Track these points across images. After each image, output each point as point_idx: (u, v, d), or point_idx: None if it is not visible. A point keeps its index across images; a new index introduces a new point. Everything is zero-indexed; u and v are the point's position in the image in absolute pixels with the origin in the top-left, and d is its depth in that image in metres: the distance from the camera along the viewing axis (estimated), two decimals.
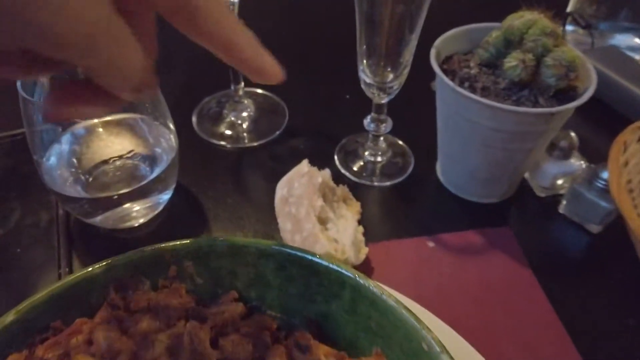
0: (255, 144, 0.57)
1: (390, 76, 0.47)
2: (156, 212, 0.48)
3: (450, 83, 0.42)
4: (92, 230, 0.46)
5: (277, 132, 0.58)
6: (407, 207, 0.51)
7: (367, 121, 0.52)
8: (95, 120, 0.44)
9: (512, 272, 0.45)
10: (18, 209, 0.46)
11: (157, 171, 0.46)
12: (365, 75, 0.47)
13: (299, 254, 0.29)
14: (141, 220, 0.47)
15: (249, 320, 0.29)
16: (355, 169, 0.53)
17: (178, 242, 0.30)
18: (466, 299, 0.42)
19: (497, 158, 0.45)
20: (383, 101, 0.49)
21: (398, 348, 0.27)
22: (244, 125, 0.59)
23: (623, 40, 0.70)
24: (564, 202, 0.49)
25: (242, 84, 0.58)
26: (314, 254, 0.29)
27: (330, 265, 0.29)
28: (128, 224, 0.47)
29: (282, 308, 0.30)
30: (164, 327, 0.28)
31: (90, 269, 0.28)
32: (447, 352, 0.25)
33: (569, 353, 0.39)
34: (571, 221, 0.49)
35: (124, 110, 0.44)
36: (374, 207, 0.51)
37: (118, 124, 0.46)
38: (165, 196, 0.48)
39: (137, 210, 0.47)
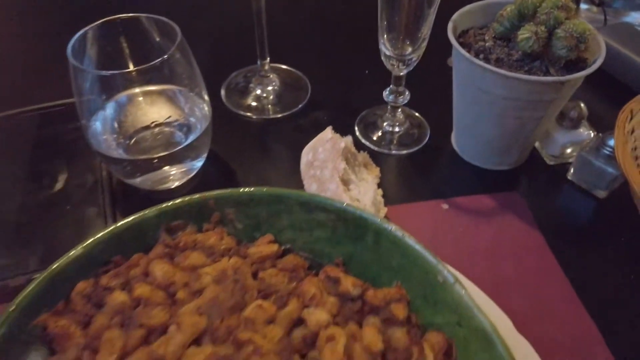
0: (279, 115, 0.61)
1: (409, 49, 0.50)
2: (190, 176, 0.52)
3: (467, 54, 0.44)
4: (133, 191, 0.50)
5: (300, 105, 0.62)
6: (422, 173, 0.54)
7: (386, 93, 0.55)
8: (137, 90, 0.48)
9: (522, 233, 0.48)
10: (65, 172, 0.50)
11: (191, 138, 0.49)
12: (386, 49, 0.50)
13: (328, 201, 0.33)
14: (176, 184, 0.51)
15: (283, 259, 0.33)
16: (374, 138, 0.57)
17: (221, 191, 0.33)
18: (479, 256, 0.46)
19: (510, 127, 0.48)
20: (402, 73, 0.52)
21: (416, 282, 0.30)
22: (269, 98, 0.62)
23: (637, 17, 0.72)
24: (572, 169, 0.52)
25: (268, 59, 0.61)
26: (341, 202, 0.33)
27: (357, 212, 0.32)
28: (164, 186, 0.51)
29: (311, 250, 0.34)
30: (210, 263, 0.32)
31: (144, 212, 0.32)
32: (460, 283, 0.28)
33: (575, 306, 0.42)
34: (579, 187, 0.52)
35: (164, 82, 0.48)
36: (391, 174, 0.54)
37: (158, 94, 0.49)
38: (199, 162, 0.52)
39: (173, 174, 0.51)
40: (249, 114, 0.60)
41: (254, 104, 0.62)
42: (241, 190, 0.34)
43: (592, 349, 0.40)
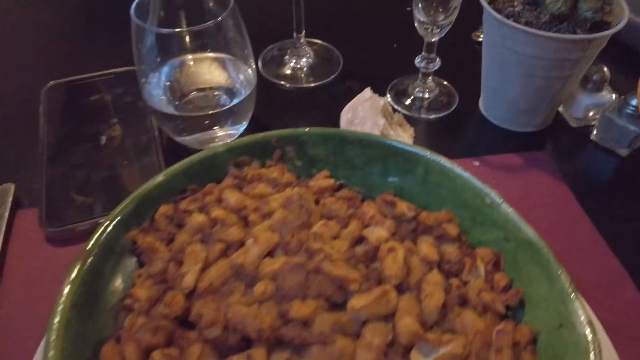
0: (312, 85, 0.64)
1: (442, 16, 0.53)
2: (234, 139, 0.55)
3: (497, 15, 0.48)
4: (181, 149, 0.54)
5: (333, 76, 0.65)
6: (452, 136, 0.57)
7: (418, 60, 0.58)
8: (190, 56, 0.52)
9: (550, 187, 0.51)
10: (122, 131, 0.54)
11: (236, 100, 0.53)
12: (420, 15, 0.53)
13: (381, 139, 0.36)
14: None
15: (339, 192, 0.36)
16: (406, 104, 0.60)
17: (282, 130, 0.37)
18: None
19: (537, 87, 0.51)
20: (434, 39, 0.55)
21: (464, 206, 0.33)
22: (304, 69, 0.66)
23: None
24: (595, 130, 0.55)
25: (303, 32, 0.65)
26: (392, 139, 0.36)
27: (406, 147, 0.35)
28: (210, 147, 0.54)
29: (364, 184, 0.37)
30: (275, 193, 0.35)
31: (216, 148, 0.36)
32: (507, 202, 0.31)
33: (603, 249, 0.45)
34: (602, 147, 0.55)
35: (216, 49, 0.51)
36: (423, 136, 0.57)
37: (210, 60, 0.53)
38: (242, 127, 0.55)
39: (219, 136, 0.54)
40: (284, 83, 0.64)
41: (289, 73, 0.65)
42: (301, 130, 0.37)
43: (619, 285, 0.43)
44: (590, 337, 0.25)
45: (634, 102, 0.51)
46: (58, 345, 0.25)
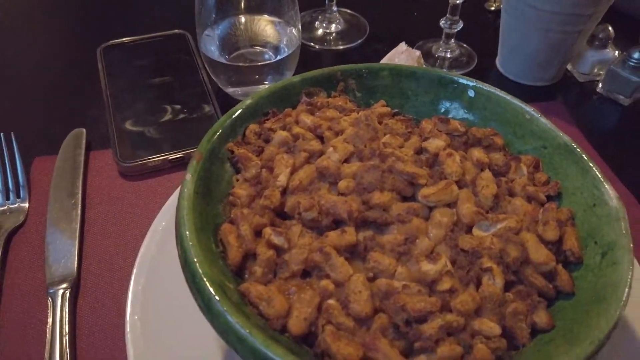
0: (341, 47, 0.70)
1: None
2: None
3: None
4: (231, 100, 0.59)
5: (360, 40, 0.71)
6: None
7: (443, 21, 0.64)
8: (244, 16, 0.57)
9: (564, 131, 0.57)
10: (177, 85, 0.59)
11: (284, 54, 0.58)
12: None
13: (432, 70, 0.42)
14: None
15: (394, 117, 0.42)
16: (429, 62, 0.66)
17: (346, 65, 0.43)
18: None
19: (554, 41, 0.57)
20: (458, 2, 0.61)
21: (507, 123, 0.40)
22: (333, 34, 0.71)
23: None
24: (601, 83, 0.62)
25: (335, 0, 0.70)
26: (442, 71, 0.42)
27: (455, 77, 0.42)
28: None
29: (416, 112, 0.43)
30: (342, 116, 0.41)
31: (291, 79, 0.41)
32: (543, 116, 0.38)
33: (611, 179, 0.52)
34: (607, 98, 0.62)
35: (269, 13, 0.57)
36: None
37: (261, 20, 0.58)
38: None
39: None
40: (316, 45, 0.70)
41: (320, 38, 0.71)
42: (361, 64, 0.43)
43: (629, 211, 0.49)
44: (620, 208, 0.32)
45: (635, 55, 0.58)
46: (189, 219, 0.31)
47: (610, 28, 0.61)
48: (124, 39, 0.65)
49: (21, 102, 0.60)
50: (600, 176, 0.34)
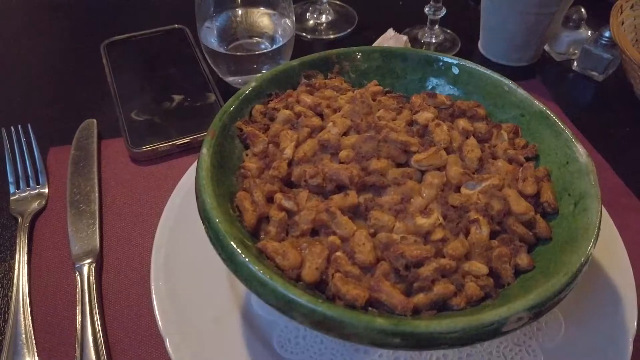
0: (332, 37, 0.74)
1: None
2: None
3: None
4: (230, 89, 0.63)
5: (350, 29, 0.75)
6: None
7: (427, 9, 0.68)
8: (240, 12, 0.61)
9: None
10: (180, 76, 0.63)
11: (275, 46, 0.62)
12: None
13: (419, 51, 0.46)
14: None
15: (386, 95, 0.46)
16: (416, 47, 0.70)
17: (340, 49, 0.46)
18: None
19: (530, 23, 0.62)
20: None
21: (488, 95, 0.44)
22: (324, 24, 0.75)
23: None
24: (576, 61, 0.66)
25: None
26: (429, 51, 0.46)
27: (440, 55, 0.46)
28: None
29: (406, 90, 0.47)
30: (339, 96, 0.45)
31: (290, 62, 0.45)
32: (520, 87, 0.42)
33: (587, 147, 0.56)
34: (582, 75, 0.66)
35: (264, 6, 0.60)
36: None
37: (258, 14, 0.62)
38: None
39: None
40: (307, 35, 0.73)
41: (311, 28, 0.74)
42: (355, 47, 0.47)
43: (601, 175, 0.54)
44: (589, 163, 0.36)
45: (607, 34, 0.62)
46: (208, 187, 0.34)
47: (582, 9, 0.65)
48: (126, 35, 0.68)
49: (33, 97, 0.63)
50: (571, 137, 0.38)
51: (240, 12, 0.61)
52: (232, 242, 0.31)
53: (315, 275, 0.32)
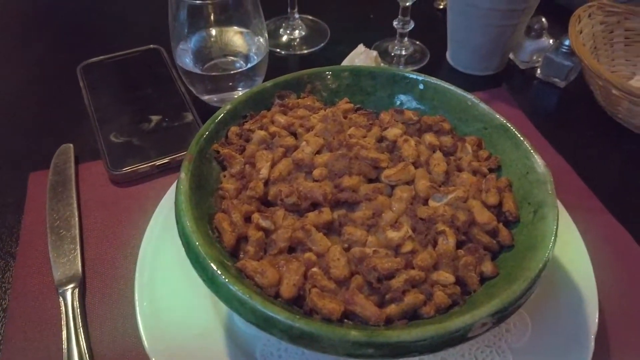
0: (305, 51, 0.76)
1: None
2: None
3: None
4: (207, 107, 0.64)
5: (322, 44, 0.77)
6: None
7: (395, 22, 0.71)
8: (214, 32, 0.62)
9: (509, 114, 0.64)
10: (157, 97, 0.64)
11: (254, 62, 0.64)
12: None
13: (387, 69, 0.48)
14: None
15: (357, 112, 0.48)
16: (387, 60, 0.72)
17: (311, 69, 0.48)
18: None
19: (493, 34, 0.64)
20: (408, 3, 0.68)
21: (452, 109, 0.46)
22: (297, 40, 0.77)
23: None
24: (539, 69, 0.69)
25: (296, 8, 0.76)
26: (396, 69, 0.48)
27: (407, 73, 0.48)
28: None
29: (375, 106, 0.49)
30: (311, 114, 0.46)
31: (264, 84, 0.47)
32: (483, 102, 0.44)
33: (552, 152, 0.59)
34: (545, 82, 0.69)
35: (237, 25, 0.62)
36: None
37: (231, 33, 0.63)
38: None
39: (236, 94, 0.65)
40: (281, 50, 0.75)
41: (285, 44, 0.76)
42: (326, 67, 0.49)
43: (565, 179, 0.57)
44: (547, 173, 0.38)
45: (567, 42, 0.65)
46: (188, 211, 0.36)
47: (543, 19, 0.68)
48: (102, 56, 0.69)
49: (11, 123, 0.64)
50: (530, 149, 0.41)
51: (214, 32, 0.63)
52: (212, 264, 0.33)
53: (292, 291, 0.34)
